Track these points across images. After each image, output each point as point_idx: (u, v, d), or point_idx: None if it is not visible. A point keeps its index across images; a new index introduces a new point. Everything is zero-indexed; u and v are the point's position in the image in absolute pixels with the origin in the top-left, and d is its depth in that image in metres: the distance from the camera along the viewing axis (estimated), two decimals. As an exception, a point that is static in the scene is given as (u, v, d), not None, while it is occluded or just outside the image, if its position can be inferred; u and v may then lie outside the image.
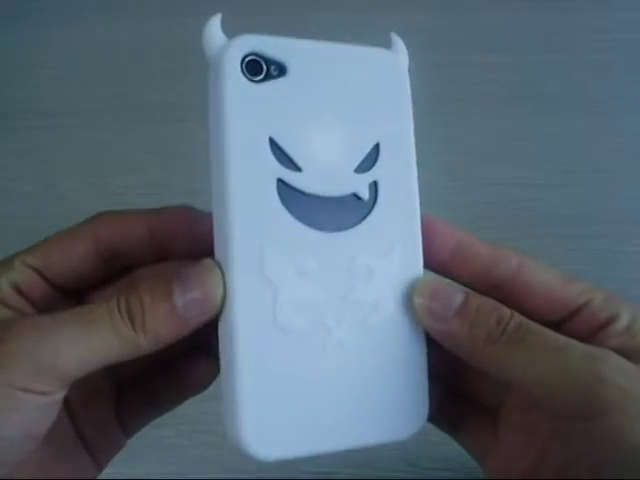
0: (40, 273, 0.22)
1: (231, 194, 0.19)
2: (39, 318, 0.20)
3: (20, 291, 0.22)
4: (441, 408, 0.25)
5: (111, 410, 0.24)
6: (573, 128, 0.47)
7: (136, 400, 0.25)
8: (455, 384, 0.25)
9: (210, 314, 0.20)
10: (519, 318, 0.21)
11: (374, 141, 0.21)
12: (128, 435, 0.25)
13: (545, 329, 0.20)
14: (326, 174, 0.20)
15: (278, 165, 0.20)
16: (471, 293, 0.21)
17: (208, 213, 0.21)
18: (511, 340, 0.20)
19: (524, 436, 0.23)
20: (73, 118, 0.49)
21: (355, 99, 0.21)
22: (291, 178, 0.20)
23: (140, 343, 0.19)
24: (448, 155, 0.43)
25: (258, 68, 0.20)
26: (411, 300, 0.21)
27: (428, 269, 0.23)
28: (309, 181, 0.20)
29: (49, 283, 0.22)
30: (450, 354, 0.22)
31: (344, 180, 0.21)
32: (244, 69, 0.20)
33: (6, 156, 0.48)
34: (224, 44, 0.20)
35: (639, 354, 0.20)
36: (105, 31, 0.51)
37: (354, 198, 0.21)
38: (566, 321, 0.22)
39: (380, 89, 0.21)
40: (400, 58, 0.22)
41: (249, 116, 0.19)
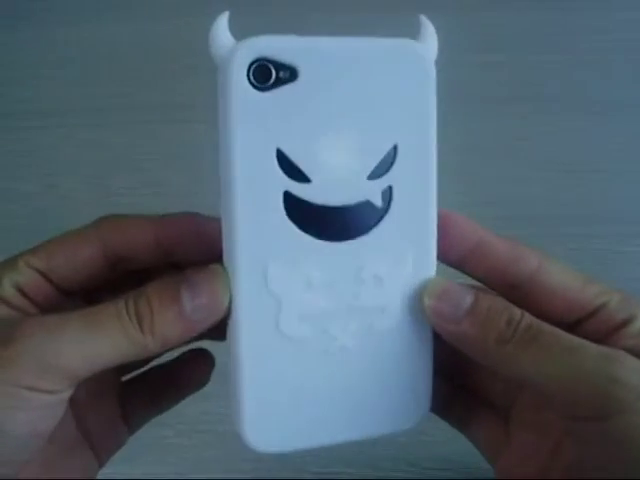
0: (44, 274, 0.22)
1: (236, 208, 0.19)
2: (46, 317, 0.20)
3: (23, 292, 0.21)
4: (452, 404, 0.25)
5: (116, 406, 0.25)
6: (573, 128, 0.47)
7: (139, 396, 0.25)
8: (466, 382, 0.25)
9: (216, 318, 0.20)
10: (530, 318, 0.20)
11: (392, 143, 0.20)
12: (131, 432, 0.25)
13: (557, 329, 0.20)
14: (336, 184, 0.20)
15: (285, 177, 0.19)
16: (481, 294, 0.21)
17: (215, 218, 0.21)
18: (522, 340, 0.20)
19: (536, 435, 0.23)
20: (73, 118, 0.49)
21: (372, 99, 0.20)
22: (299, 190, 0.19)
23: (148, 345, 0.19)
24: (448, 155, 0.42)
25: (267, 74, 0.19)
26: (421, 301, 0.21)
27: (446, 264, 0.23)
28: (318, 192, 0.20)
29: (52, 285, 0.22)
30: (461, 352, 0.21)
31: (356, 188, 0.20)
32: (251, 76, 0.19)
33: (6, 156, 0.48)
34: (231, 47, 0.19)
35: None
36: (106, 31, 0.51)
37: (367, 205, 0.20)
38: (582, 322, 0.21)
39: (401, 86, 0.20)
40: (426, 48, 0.21)
41: (255, 128, 0.19)
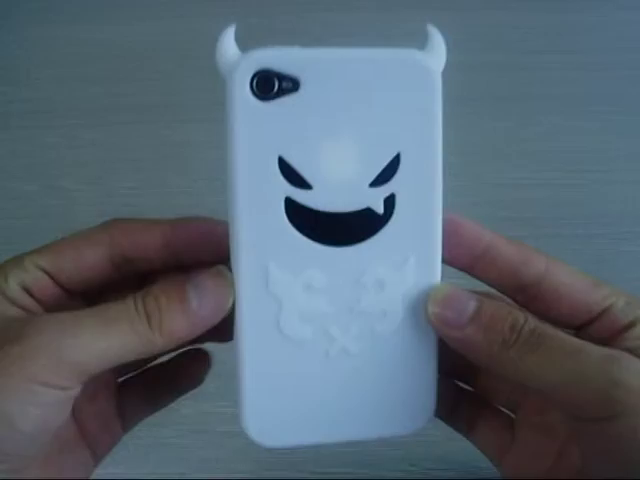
0: (50, 275, 0.22)
1: (239, 212, 0.20)
2: (58, 315, 0.20)
3: (28, 291, 0.22)
4: (457, 409, 0.25)
5: (112, 404, 0.25)
6: (573, 128, 0.47)
7: (134, 396, 0.26)
8: (471, 386, 0.26)
9: (220, 316, 0.21)
10: (533, 322, 0.21)
11: (394, 152, 0.20)
12: (125, 430, 0.25)
13: (560, 332, 0.20)
14: (338, 191, 0.20)
15: (286, 184, 0.20)
16: (484, 300, 0.21)
17: (224, 222, 0.21)
18: (526, 345, 0.20)
19: (542, 437, 0.23)
20: (73, 118, 0.49)
21: (375, 108, 0.20)
22: (300, 196, 0.20)
23: (156, 341, 0.20)
24: (448, 155, 0.42)
25: (269, 84, 0.19)
26: (425, 308, 0.21)
27: (456, 268, 0.23)
28: (319, 198, 0.20)
29: (57, 284, 0.22)
30: (466, 358, 0.22)
31: (357, 196, 0.20)
32: (254, 87, 0.19)
33: (6, 156, 0.48)
34: (236, 59, 0.19)
35: None
36: (106, 31, 0.51)
37: (368, 212, 0.20)
38: (589, 324, 0.22)
39: (405, 96, 0.20)
40: (432, 59, 0.21)
41: (258, 136, 0.19)
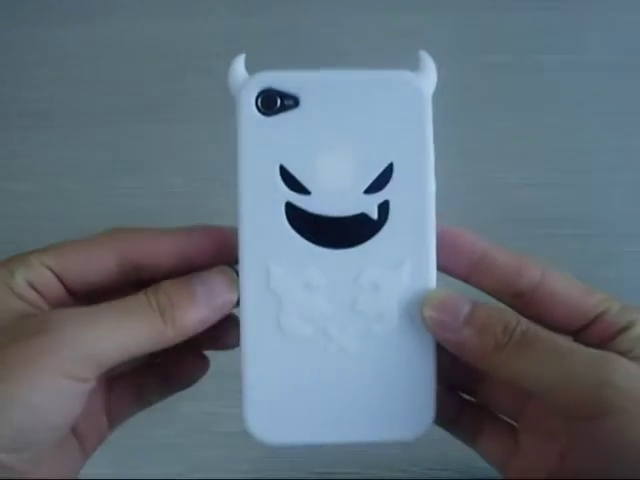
0: (55, 274, 0.22)
1: (243, 216, 0.22)
2: (78, 309, 0.21)
3: (35, 288, 0.22)
4: (459, 419, 0.26)
5: (101, 401, 0.25)
6: (573, 128, 0.47)
7: (125, 393, 0.26)
8: (474, 396, 0.26)
9: (227, 309, 0.22)
10: (526, 324, 0.21)
11: (387, 162, 0.22)
12: (112, 427, 0.26)
13: (552, 334, 0.21)
14: (334, 196, 0.22)
15: (287, 190, 0.22)
16: (478, 303, 0.22)
17: (233, 229, 0.23)
18: (518, 346, 0.21)
19: (544, 442, 0.23)
20: (73, 118, 0.49)
21: (369, 124, 0.22)
22: (299, 201, 0.22)
23: (168, 334, 0.21)
24: (448, 155, 0.42)
25: (272, 102, 0.22)
26: (421, 312, 0.22)
27: (453, 277, 0.24)
28: (317, 203, 0.22)
29: (62, 285, 0.23)
30: (468, 364, 0.22)
31: (352, 201, 0.22)
32: (259, 104, 0.22)
33: (6, 156, 0.48)
34: (244, 80, 0.22)
35: None
36: (105, 31, 0.51)
37: (363, 217, 0.22)
38: (584, 329, 0.22)
39: (397, 113, 0.22)
40: (422, 80, 0.22)
41: (261, 147, 0.22)
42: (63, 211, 0.46)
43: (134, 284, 0.24)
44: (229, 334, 0.24)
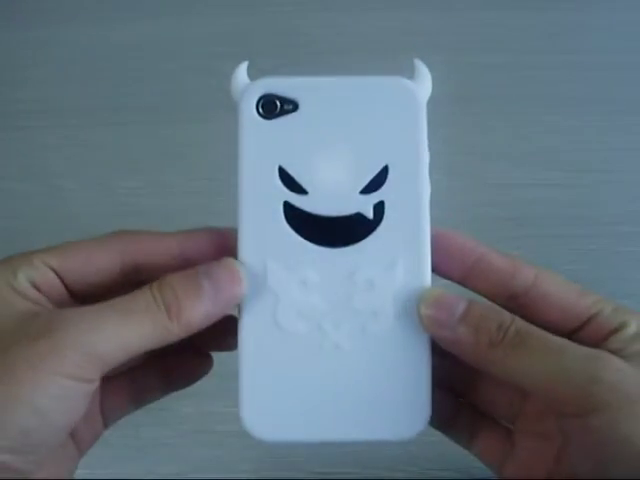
0: (58, 274, 0.23)
1: (242, 215, 0.23)
2: (81, 309, 0.21)
3: (37, 288, 0.22)
4: (456, 422, 0.26)
5: (97, 400, 0.25)
6: (573, 128, 0.47)
7: (121, 391, 0.26)
8: (471, 399, 0.26)
9: (233, 303, 0.22)
10: (520, 323, 0.22)
11: (383, 164, 0.23)
12: (107, 426, 0.26)
13: (545, 332, 0.21)
14: (331, 196, 0.23)
15: (285, 190, 0.23)
16: (473, 301, 0.22)
17: (233, 230, 0.23)
18: (511, 344, 0.21)
19: (540, 443, 0.24)
20: (73, 118, 0.49)
21: (365, 127, 0.23)
22: (297, 200, 0.23)
23: (174, 331, 0.21)
24: (448, 155, 0.42)
25: (272, 106, 0.23)
26: (417, 310, 0.22)
27: (449, 280, 0.24)
28: (314, 203, 0.23)
29: (64, 285, 0.23)
30: (464, 367, 0.23)
31: (348, 201, 0.23)
32: (259, 108, 0.23)
33: (6, 156, 0.48)
34: (245, 86, 0.23)
35: None
36: (105, 31, 0.51)
37: (359, 217, 0.23)
38: (578, 330, 0.23)
39: (391, 117, 0.23)
40: (417, 87, 0.23)
41: (261, 149, 0.23)
42: (63, 211, 0.46)
43: (134, 285, 0.24)
44: (233, 335, 0.24)
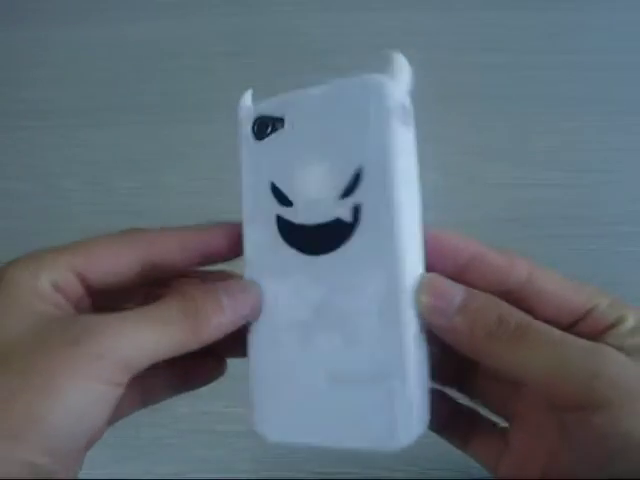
0: (81, 275, 0.23)
1: (244, 229, 0.24)
2: (111, 315, 0.21)
3: (59, 290, 0.22)
4: (451, 423, 0.26)
5: None
6: (573, 128, 0.47)
7: (130, 391, 0.26)
8: (467, 392, 0.26)
9: (248, 319, 0.23)
10: (520, 315, 0.21)
11: (356, 166, 0.22)
12: (110, 424, 0.26)
13: (545, 325, 0.21)
14: (310, 205, 0.23)
15: (276, 204, 0.24)
16: (473, 291, 0.22)
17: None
18: (512, 337, 0.21)
19: (535, 439, 0.23)
20: (73, 118, 0.49)
21: (340, 132, 0.23)
22: (285, 213, 0.23)
23: (197, 339, 0.22)
24: (448, 155, 0.43)
25: (264, 127, 0.24)
26: (416, 298, 0.22)
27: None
28: (297, 213, 0.23)
29: (84, 286, 0.23)
30: (460, 364, 0.23)
31: (327, 208, 0.23)
32: (255, 131, 0.24)
33: (6, 156, 0.48)
34: (244, 112, 0.25)
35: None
36: (105, 31, 0.51)
37: (339, 222, 0.23)
38: (575, 325, 0.22)
39: (362, 118, 0.22)
40: (391, 82, 0.22)
41: (257, 168, 0.24)
42: (63, 211, 0.46)
43: (149, 282, 0.24)
44: (244, 344, 0.24)
